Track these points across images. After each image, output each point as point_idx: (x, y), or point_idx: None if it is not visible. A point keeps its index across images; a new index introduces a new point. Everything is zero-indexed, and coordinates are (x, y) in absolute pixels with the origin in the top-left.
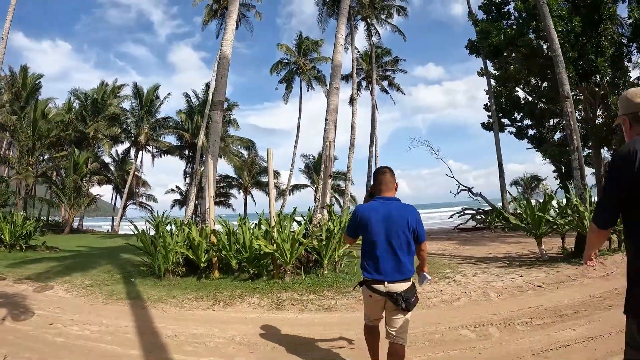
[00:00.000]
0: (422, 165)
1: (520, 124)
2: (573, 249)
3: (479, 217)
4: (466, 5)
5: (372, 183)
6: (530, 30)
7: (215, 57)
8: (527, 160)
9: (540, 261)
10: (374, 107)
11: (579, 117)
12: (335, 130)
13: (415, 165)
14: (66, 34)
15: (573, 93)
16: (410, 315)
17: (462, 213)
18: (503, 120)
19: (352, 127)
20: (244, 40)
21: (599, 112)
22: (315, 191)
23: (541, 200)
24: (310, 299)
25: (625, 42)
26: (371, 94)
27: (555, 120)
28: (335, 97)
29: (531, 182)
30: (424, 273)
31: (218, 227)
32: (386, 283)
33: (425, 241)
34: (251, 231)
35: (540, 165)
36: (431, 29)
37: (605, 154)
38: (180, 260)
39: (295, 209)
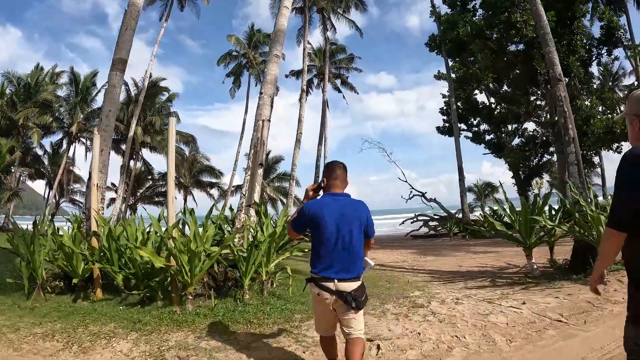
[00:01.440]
0: (370, 171)
1: (476, 128)
2: (568, 261)
3: (433, 224)
4: (421, 19)
5: (322, 178)
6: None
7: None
8: (475, 169)
9: (530, 278)
10: (325, 104)
11: (544, 120)
12: (272, 108)
13: (364, 171)
14: (17, 19)
15: (534, 98)
16: (362, 312)
17: (415, 219)
18: (459, 124)
19: (300, 121)
20: (198, 39)
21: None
22: (250, 189)
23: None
24: (212, 347)
25: (595, 44)
26: (322, 90)
27: (514, 126)
28: (275, 67)
29: (485, 190)
30: (365, 258)
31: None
32: (336, 281)
33: (374, 237)
34: (142, 236)
35: (487, 175)
36: (386, 40)
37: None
38: (59, 272)
39: (213, 205)
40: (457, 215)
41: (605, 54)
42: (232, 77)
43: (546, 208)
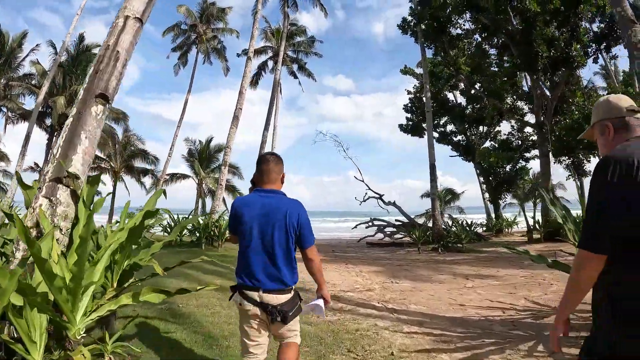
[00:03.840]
0: (324, 171)
1: (443, 129)
2: None
3: (389, 230)
4: (385, 25)
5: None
6: None
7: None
8: (422, 177)
9: None
10: (276, 85)
11: (531, 121)
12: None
13: (317, 171)
14: None
15: (524, 96)
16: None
17: (370, 224)
18: (424, 124)
19: (240, 93)
20: (158, 25)
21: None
22: (199, 184)
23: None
24: None
25: (597, 37)
26: (275, 69)
27: (485, 129)
28: None
29: (446, 196)
30: (317, 301)
31: None
32: (261, 291)
33: (312, 247)
34: None
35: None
36: (349, 44)
37: (559, 166)
38: None
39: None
40: (421, 222)
41: (604, 50)
42: (178, 52)
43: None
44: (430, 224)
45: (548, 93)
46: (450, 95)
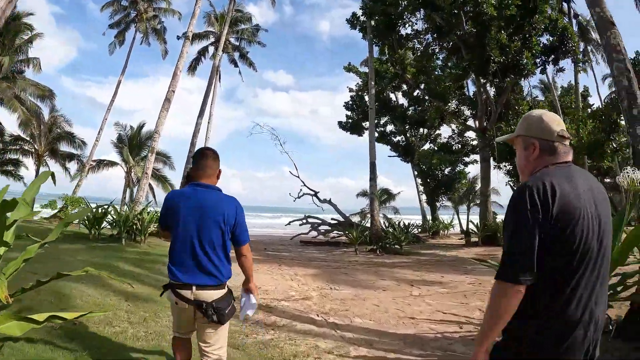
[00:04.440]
0: (259, 167)
1: (383, 128)
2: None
3: (323, 228)
4: (332, 25)
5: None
6: None
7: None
8: (357, 176)
9: None
10: (215, 69)
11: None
12: None
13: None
14: None
15: (467, 101)
16: (227, 327)
17: (304, 221)
18: (364, 123)
19: (175, 75)
20: (100, 2)
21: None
22: (127, 172)
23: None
24: None
25: (547, 49)
26: (215, 54)
27: (426, 131)
28: None
29: (382, 196)
30: (250, 296)
31: None
32: (194, 288)
33: (247, 244)
34: None
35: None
36: (293, 40)
37: (498, 171)
38: None
39: None
40: (358, 222)
41: (552, 63)
42: (115, 30)
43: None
44: (366, 224)
45: (493, 99)
46: (392, 96)
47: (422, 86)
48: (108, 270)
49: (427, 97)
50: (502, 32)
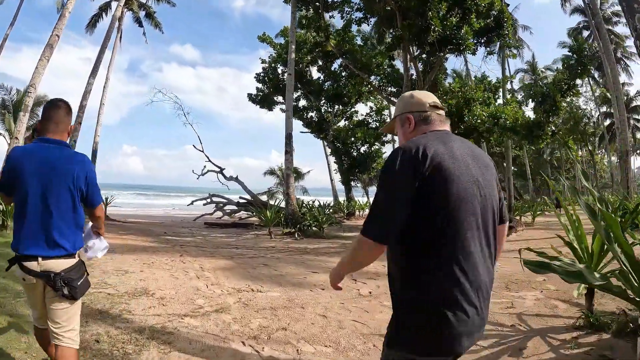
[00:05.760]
0: (160, 145)
1: (296, 103)
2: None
3: (229, 208)
4: (246, 3)
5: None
6: None
7: None
8: (261, 156)
9: None
10: (114, 21)
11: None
12: None
13: (153, 144)
14: None
15: (390, 77)
16: (79, 305)
17: (209, 200)
18: (275, 97)
19: (62, 16)
20: None
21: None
22: (9, 143)
23: None
24: None
25: (482, 30)
26: (117, 8)
27: (341, 108)
28: None
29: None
30: (100, 237)
31: None
32: (40, 259)
33: (100, 205)
34: None
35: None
36: (204, 15)
37: None
38: None
39: None
40: (269, 202)
41: (484, 44)
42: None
43: None
44: (277, 204)
45: (422, 75)
46: (307, 70)
47: (345, 56)
48: None
49: (348, 70)
50: (444, 1)
